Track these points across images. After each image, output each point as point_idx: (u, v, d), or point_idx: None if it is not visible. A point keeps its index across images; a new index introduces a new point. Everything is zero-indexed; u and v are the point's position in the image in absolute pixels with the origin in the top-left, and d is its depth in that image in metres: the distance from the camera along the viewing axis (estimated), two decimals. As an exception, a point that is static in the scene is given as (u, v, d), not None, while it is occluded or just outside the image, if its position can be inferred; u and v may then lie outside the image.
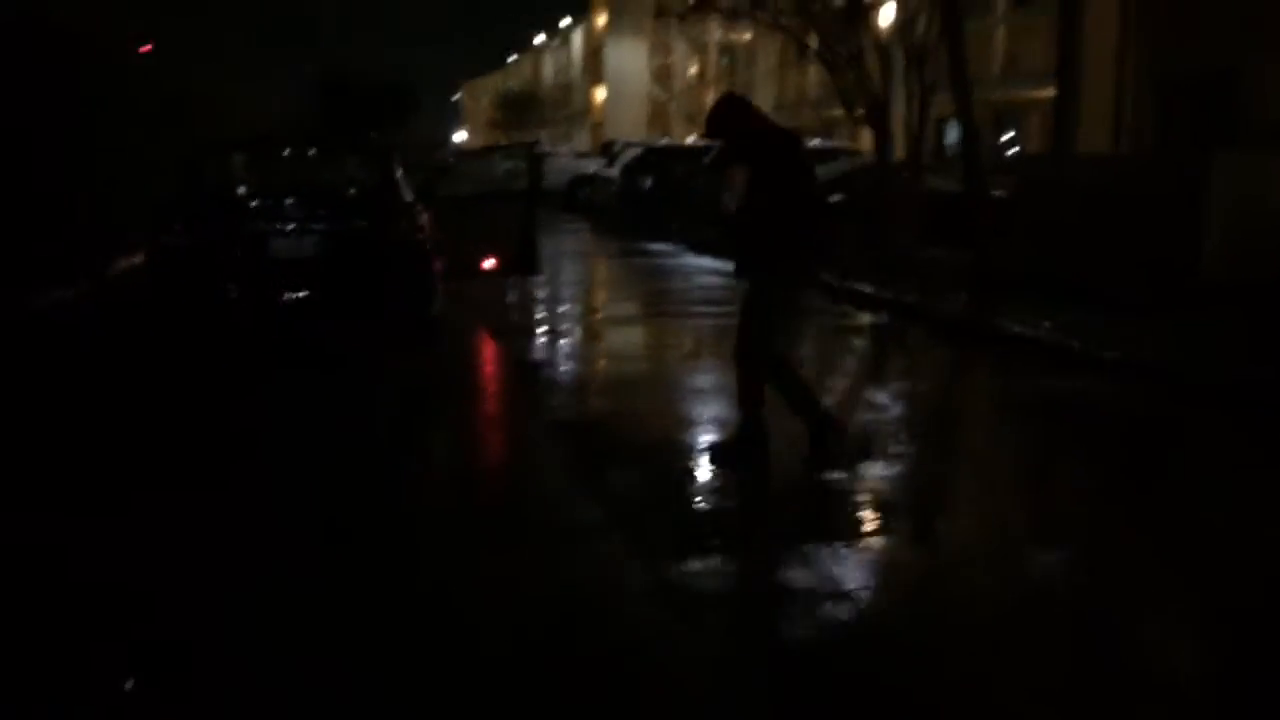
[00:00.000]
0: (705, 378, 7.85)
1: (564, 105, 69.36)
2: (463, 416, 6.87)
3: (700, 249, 17.28)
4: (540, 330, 10.11)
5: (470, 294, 11.38)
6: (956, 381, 8.37)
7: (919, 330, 10.29)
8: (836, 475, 5.50)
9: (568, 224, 23.98)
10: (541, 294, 12.42)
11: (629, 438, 6.24)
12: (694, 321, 10.78)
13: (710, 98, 34.06)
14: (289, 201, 8.32)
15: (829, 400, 7.01)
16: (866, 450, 5.74)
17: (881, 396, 7.44)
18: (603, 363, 8.83)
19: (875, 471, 5.61)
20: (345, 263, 7.97)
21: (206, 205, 8.33)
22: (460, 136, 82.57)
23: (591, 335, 9.92)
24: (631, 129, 48.95)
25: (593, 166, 28.42)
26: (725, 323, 10.67)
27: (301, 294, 7.85)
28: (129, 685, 3.23)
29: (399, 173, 8.80)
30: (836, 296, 12.30)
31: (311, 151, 9.87)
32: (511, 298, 11.64)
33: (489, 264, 11.10)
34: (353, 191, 9.17)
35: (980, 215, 11.95)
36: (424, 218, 8.54)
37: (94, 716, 3.16)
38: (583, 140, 59.74)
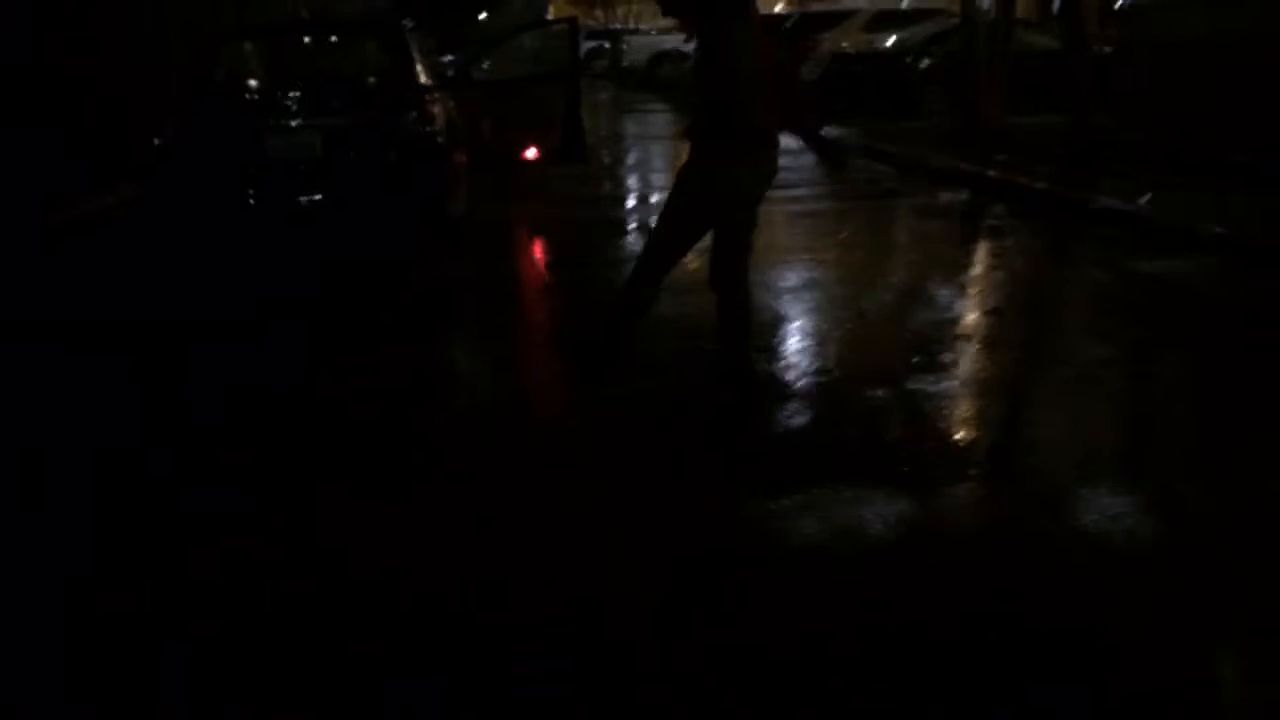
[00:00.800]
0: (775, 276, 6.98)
1: (652, -20, 66.98)
2: (461, 343, 6.15)
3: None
4: (586, 224, 9.32)
5: (516, 184, 10.61)
6: (1035, 267, 7.36)
7: (999, 208, 9.23)
8: (886, 392, 4.69)
9: (641, 103, 22.92)
10: (593, 183, 11.58)
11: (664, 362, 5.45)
12: (774, 209, 9.82)
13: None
14: (293, 95, 7.61)
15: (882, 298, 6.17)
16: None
17: (943, 289, 6.51)
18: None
19: (936, 384, 4.78)
20: (347, 161, 7.23)
21: (204, 102, 7.66)
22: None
23: (633, 228, 9.07)
24: (718, 1, 46.82)
25: (676, 43, 27.14)
26: (791, 210, 9.80)
27: (300, 197, 7.16)
28: None
29: (415, 57, 7.98)
30: (911, 172, 11.23)
31: (330, 38, 9.08)
32: (560, 187, 10.82)
33: (531, 153, 10.25)
34: (363, 81, 8.39)
35: (1077, 75, 10.70)
36: (438, 106, 7.74)
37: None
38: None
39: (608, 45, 34.07)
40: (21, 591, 3.34)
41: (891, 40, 16.38)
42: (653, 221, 5.12)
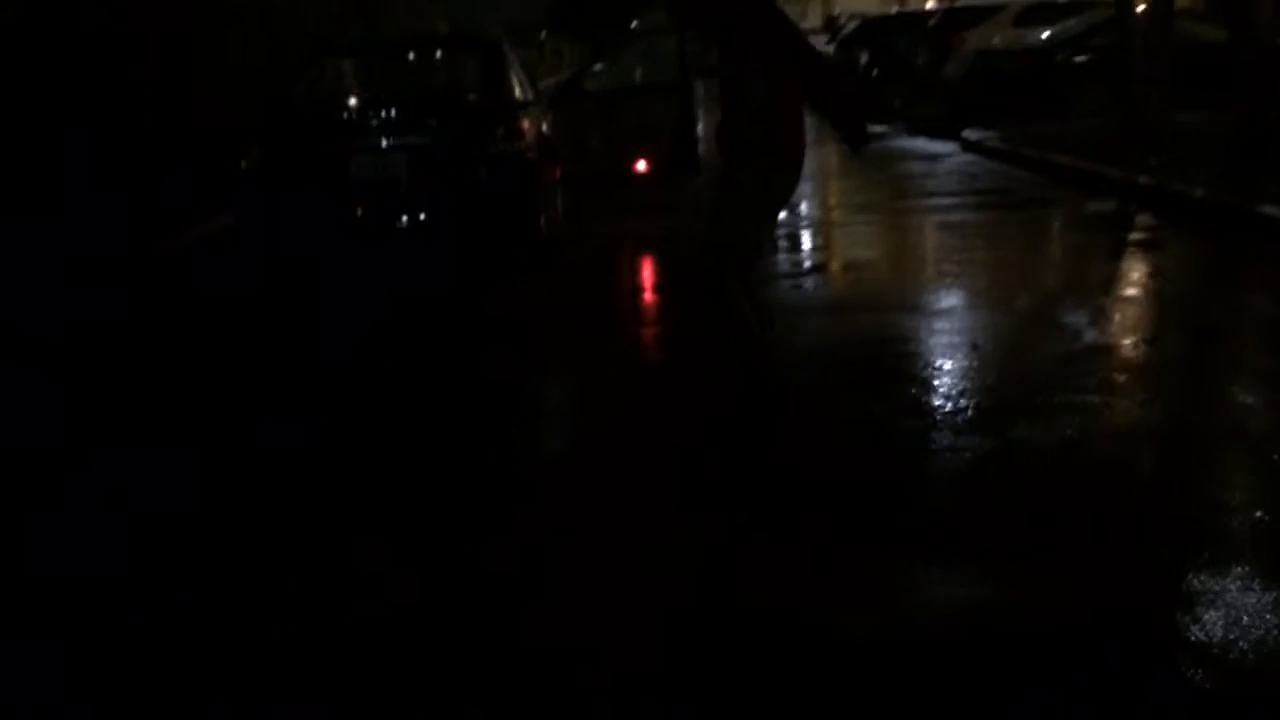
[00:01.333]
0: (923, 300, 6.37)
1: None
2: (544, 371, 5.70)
3: (917, 130, 15.36)
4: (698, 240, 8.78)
5: (626, 198, 10.16)
6: (1190, 290, 6.50)
7: (1151, 218, 8.31)
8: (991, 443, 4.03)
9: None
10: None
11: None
12: (900, 220, 9.18)
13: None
14: (380, 114, 7.31)
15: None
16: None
17: (1072, 313, 5.75)
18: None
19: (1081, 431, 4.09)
20: (431, 181, 6.90)
21: (289, 123, 7.42)
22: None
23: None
24: (864, 0, 45.68)
25: (815, 42, 26.44)
26: (923, 221, 9.09)
27: (384, 219, 6.85)
28: None
29: (509, 72, 7.61)
30: (1058, 178, 10.33)
31: (424, 54, 8.80)
32: (673, 200, 10.32)
33: (641, 165, 9.80)
34: (453, 98, 8.06)
35: (1246, 68, 9.66)
36: (528, 121, 7.34)
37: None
38: (814, 16, 56.52)
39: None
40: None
41: (1044, 35, 15.35)
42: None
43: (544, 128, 7.92)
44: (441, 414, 4.83)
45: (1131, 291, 6.49)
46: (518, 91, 7.62)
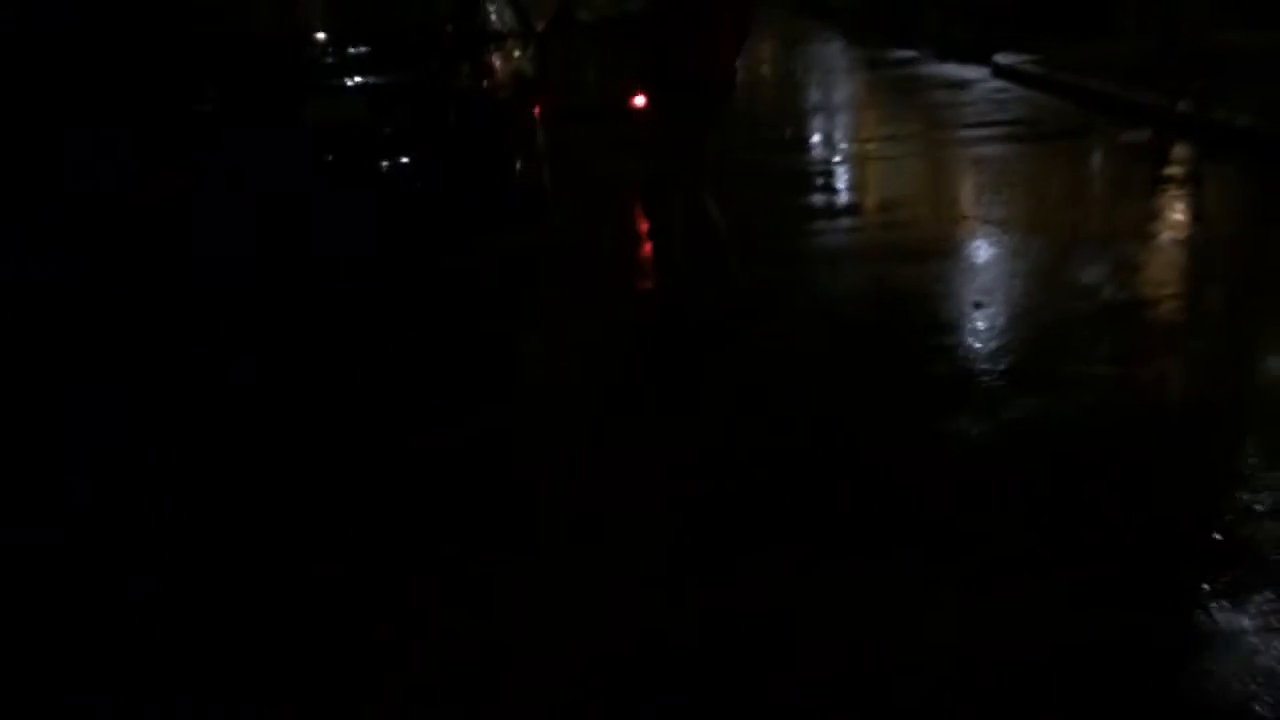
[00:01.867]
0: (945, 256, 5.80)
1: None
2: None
3: (948, 54, 14.49)
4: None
5: (626, 136, 9.51)
6: (1230, 230, 5.85)
7: (1186, 149, 7.60)
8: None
9: (808, 32, 21.33)
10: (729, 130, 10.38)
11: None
12: (918, 155, 8.52)
13: None
14: (342, 52, 6.72)
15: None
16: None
17: (1092, 265, 5.15)
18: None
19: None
20: (394, 125, 6.32)
21: (246, 61, 6.85)
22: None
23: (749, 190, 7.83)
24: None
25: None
26: (955, 155, 8.41)
27: (344, 165, 6.30)
28: None
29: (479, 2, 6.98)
30: (1092, 106, 9.59)
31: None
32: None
33: (639, 100, 9.13)
34: (422, 33, 7.43)
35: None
36: (500, 55, 6.72)
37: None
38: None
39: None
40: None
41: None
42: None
43: (527, 62, 7.28)
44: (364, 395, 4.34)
45: (1163, 236, 5.86)
46: (494, 21, 6.99)
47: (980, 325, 4.53)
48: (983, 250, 5.71)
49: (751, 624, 2.59)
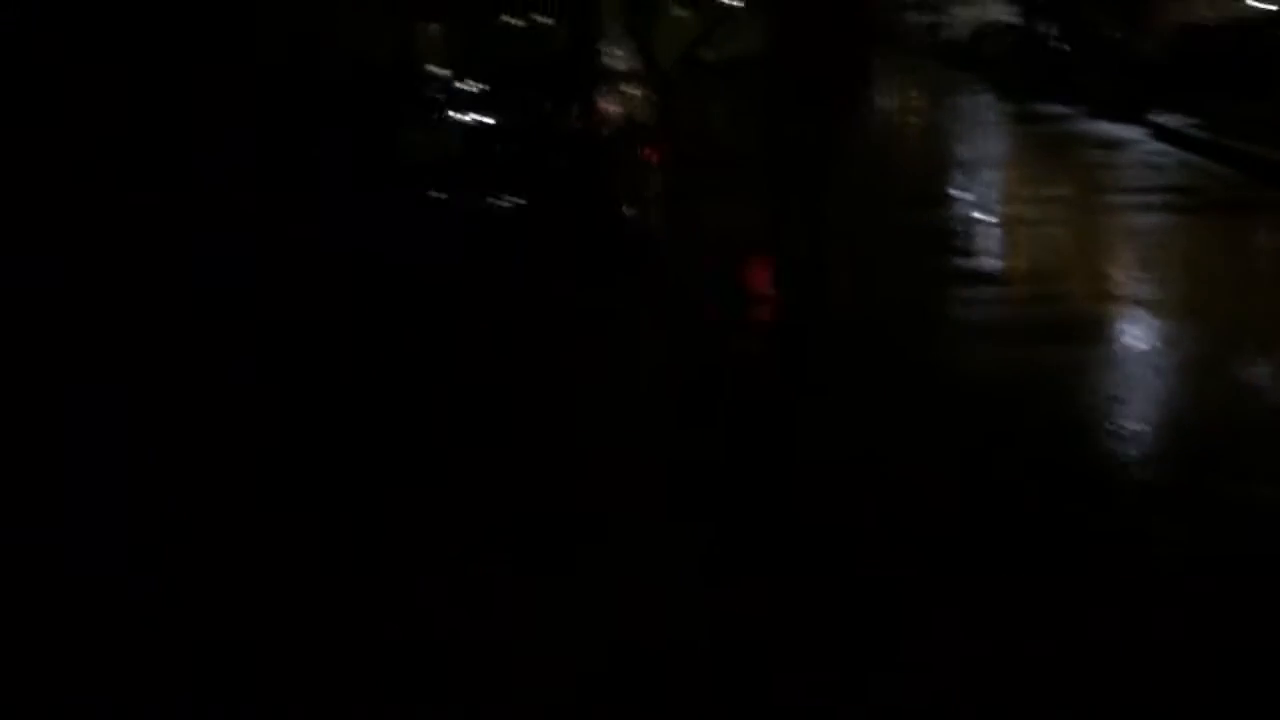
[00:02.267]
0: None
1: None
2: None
3: (1100, 110, 13.64)
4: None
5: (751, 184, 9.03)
6: None
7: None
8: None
9: (955, 84, 20.59)
10: (865, 177, 9.78)
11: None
12: (1064, 221, 7.82)
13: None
14: (452, 86, 6.47)
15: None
16: None
17: (1268, 354, 4.46)
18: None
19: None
20: (489, 166, 5.99)
21: (353, 92, 6.62)
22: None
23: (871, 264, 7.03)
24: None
25: (1004, 13, 24.41)
26: (1106, 224, 7.70)
27: (434, 202, 5.98)
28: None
29: (598, 41, 6.65)
30: (1258, 171, 8.75)
31: (517, 21, 7.85)
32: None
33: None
34: (525, 70, 7.09)
35: None
36: (612, 96, 6.37)
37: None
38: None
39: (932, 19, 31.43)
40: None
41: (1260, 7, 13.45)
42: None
43: (645, 104, 6.91)
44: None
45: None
46: (608, 62, 6.65)
47: (1121, 427, 3.91)
48: (1130, 335, 5.06)
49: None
